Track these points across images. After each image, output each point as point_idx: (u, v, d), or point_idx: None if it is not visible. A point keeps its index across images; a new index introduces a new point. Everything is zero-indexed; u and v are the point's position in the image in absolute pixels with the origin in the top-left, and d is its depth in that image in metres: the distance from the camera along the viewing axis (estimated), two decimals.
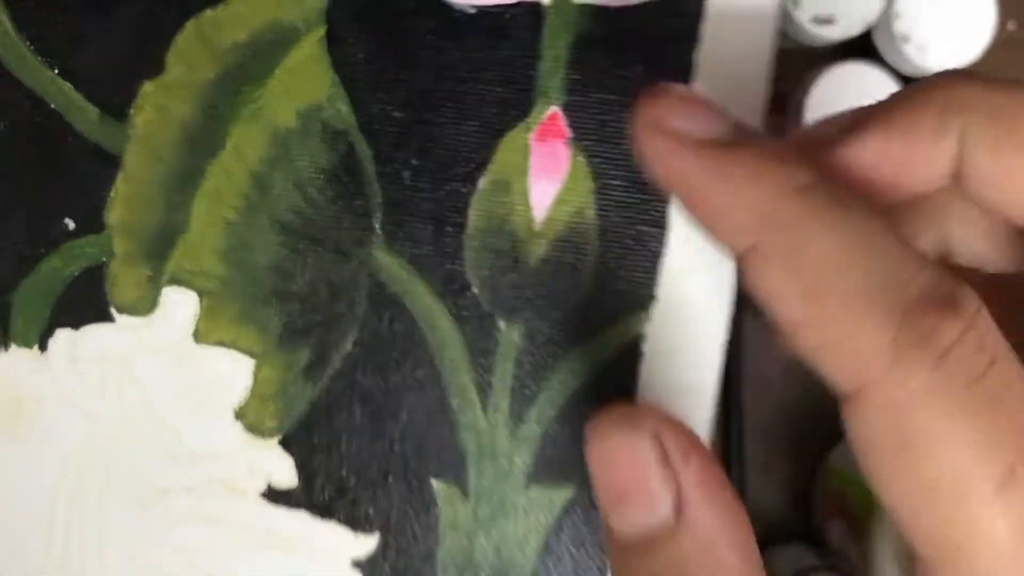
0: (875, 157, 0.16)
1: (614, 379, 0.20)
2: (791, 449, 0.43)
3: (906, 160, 0.16)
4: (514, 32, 0.20)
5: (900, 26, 0.38)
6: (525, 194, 0.20)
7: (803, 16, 0.37)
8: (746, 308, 0.20)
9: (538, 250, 0.20)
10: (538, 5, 0.20)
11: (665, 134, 0.15)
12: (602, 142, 0.20)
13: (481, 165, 0.20)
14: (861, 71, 0.38)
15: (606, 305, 0.20)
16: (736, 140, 0.15)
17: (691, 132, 0.15)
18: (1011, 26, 0.41)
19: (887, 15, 0.38)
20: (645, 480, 0.16)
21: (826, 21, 0.38)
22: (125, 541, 0.21)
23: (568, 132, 0.20)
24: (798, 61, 0.41)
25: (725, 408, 0.40)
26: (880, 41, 0.40)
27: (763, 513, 0.42)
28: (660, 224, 0.20)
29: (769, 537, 0.42)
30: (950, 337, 0.13)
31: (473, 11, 0.20)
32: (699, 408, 0.20)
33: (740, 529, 0.16)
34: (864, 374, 0.14)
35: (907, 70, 0.39)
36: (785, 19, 0.37)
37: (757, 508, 0.42)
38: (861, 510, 0.39)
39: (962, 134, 0.16)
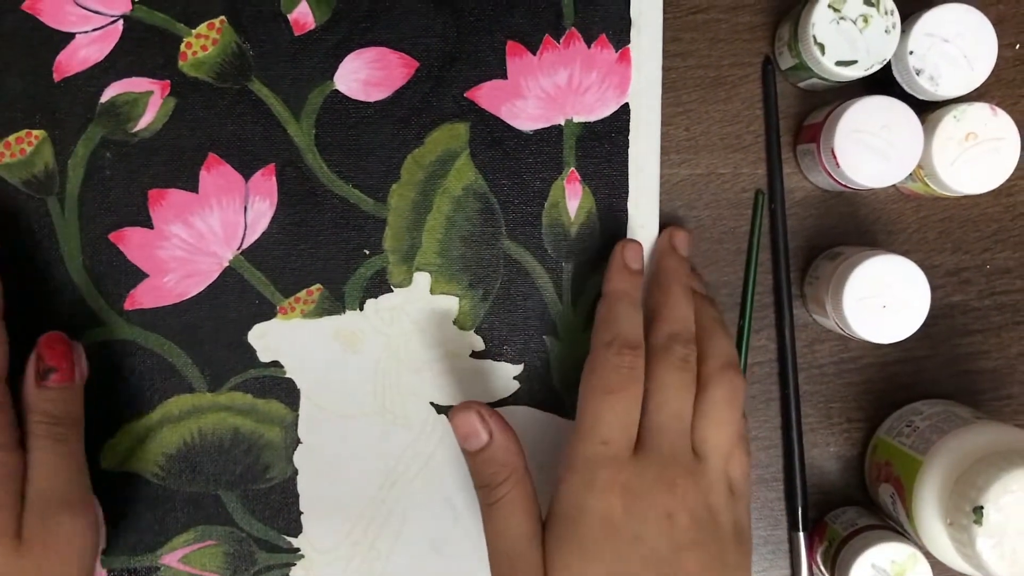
0: None
1: None
2: (843, 427, 0.48)
3: None
4: (549, 137, 0.46)
5: (914, 61, 0.41)
6: (565, 207, 0.46)
7: (829, 61, 0.41)
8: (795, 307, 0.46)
9: (574, 230, 0.46)
10: (560, 125, 0.46)
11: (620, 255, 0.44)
12: (594, 180, 0.46)
13: (544, 197, 0.46)
14: (882, 102, 0.41)
15: (605, 249, 0.46)
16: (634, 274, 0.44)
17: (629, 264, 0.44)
18: (1019, 47, 0.46)
19: (902, 52, 0.42)
20: (475, 427, 0.40)
21: (849, 63, 0.41)
22: (411, 390, 0.46)
23: (579, 177, 0.46)
24: (827, 97, 0.46)
25: (784, 393, 0.47)
26: (898, 74, 0.43)
27: (822, 481, 0.48)
28: (623, 210, 0.46)
29: (828, 501, 0.48)
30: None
31: (531, 132, 0.46)
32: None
33: (516, 443, 0.40)
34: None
35: (923, 97, 0.43)
36: (814, 64, 0.42)
37: (817, 477, 0.48)
38: (904, 476, 0.43)
39: None
